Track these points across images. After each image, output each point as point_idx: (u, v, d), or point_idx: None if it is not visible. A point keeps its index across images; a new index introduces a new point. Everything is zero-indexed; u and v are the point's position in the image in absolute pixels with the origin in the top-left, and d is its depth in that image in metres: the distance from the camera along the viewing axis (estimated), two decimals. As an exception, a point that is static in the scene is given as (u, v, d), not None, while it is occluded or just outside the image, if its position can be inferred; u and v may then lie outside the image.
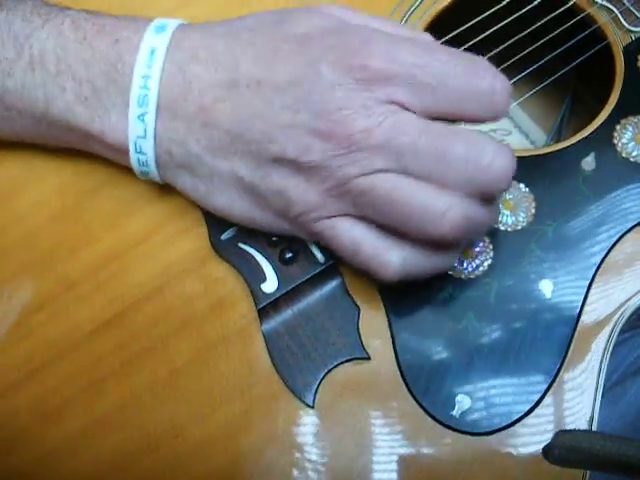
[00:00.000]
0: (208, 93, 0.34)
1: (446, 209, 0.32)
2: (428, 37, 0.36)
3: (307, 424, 0.37)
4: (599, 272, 0.39)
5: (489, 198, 0.34)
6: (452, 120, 0.34)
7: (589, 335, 0.38)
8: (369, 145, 0.32)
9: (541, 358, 0.38)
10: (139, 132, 0.35)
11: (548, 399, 0.37)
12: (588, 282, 0.39)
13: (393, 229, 0.34)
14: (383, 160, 0.32)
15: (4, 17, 0.37)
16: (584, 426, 0.37)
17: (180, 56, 0.34)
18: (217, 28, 0.35)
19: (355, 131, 0.32)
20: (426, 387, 0.37)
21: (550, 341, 0.38)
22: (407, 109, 0.33)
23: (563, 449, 0.33)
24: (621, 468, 0.30)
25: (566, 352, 0.38)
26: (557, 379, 0.37)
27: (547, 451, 0.36)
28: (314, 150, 0.32)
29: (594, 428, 0.37)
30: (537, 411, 0.37)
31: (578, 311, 0.38)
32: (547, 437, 0.36)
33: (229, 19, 0.36)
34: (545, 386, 0.37)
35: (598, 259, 0.39)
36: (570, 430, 0.37)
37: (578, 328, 0.38)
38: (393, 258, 0.34)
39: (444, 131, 0.32)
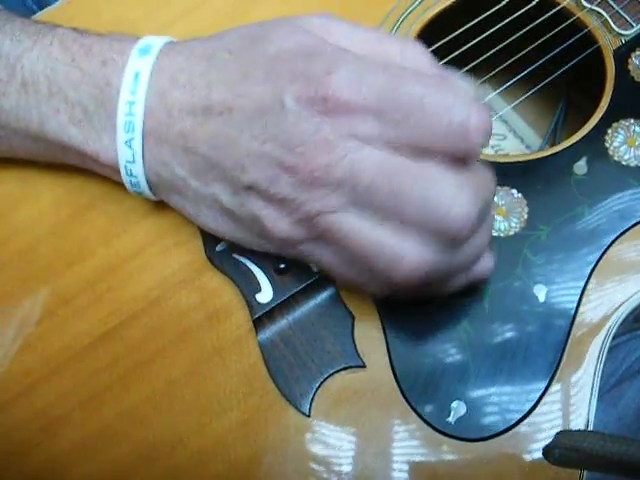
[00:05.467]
0: (187, 119, 0.33)
1: (403, 255, 0.31)
2: (413, 46, 0.34)
3: (304, 432, 0.37)
4: (592, 276, 0.39)
5: (453, 244, 0.32)
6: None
7: (583, 340, 0.38)
8: (329, 182, 0.31)
9: (536, 363, 0.38)
10: (128, 157, 0.35)
11: (543, 404, 0.37)
12: (582, 286, 0.39)
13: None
14: (341, 198, 0.31)
15: None
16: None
17: (162, 80, 0.34)
18: (198, 48, 0.35)
19: (316, 167, 0.31)
20: (421, 394, 0.37)
21: (544, 346, 0.38)
22: (371, 142, 0.31)
23: (563, 449, 0.33)
24: (621, 468, 0.30)
25: (561, 357, 0.38)
26: (552, 384, 0.37)
27: (548, 451, 0.36)
28: (281, 182, 0.32)
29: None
30: (532, 417, 0.37)
31: (572, 316, 0.38)
32: (543, 442, 0.36)
33: (213, 35, 0.36)
34: (540, 391, 0.37)
35: (592, 263, 0.39)
36: (570, 430, 0.37)
37: (572, 333, 0.38)
38: (371, 286, 0.35)
39: (404, 170, 0.31)
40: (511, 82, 0.46)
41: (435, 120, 0.31)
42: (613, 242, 0.40)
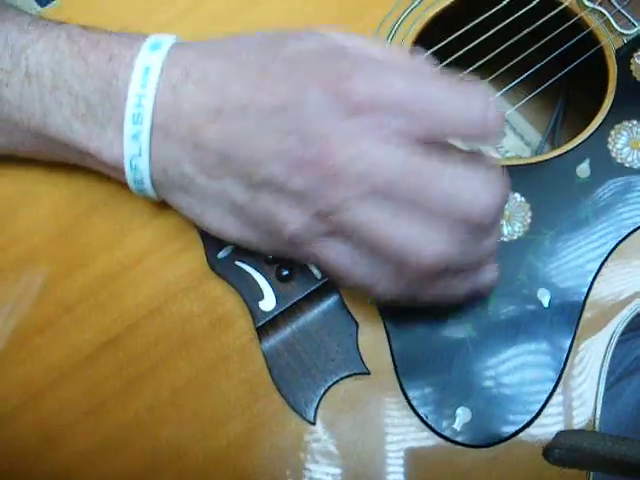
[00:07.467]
0: (199, 115, 0.33)
1: (425, 245, 0.32)
2: (423, 62, 0.35)
3: (309, 440, 0.37)
4: (596, 280, 0.39)
5: (477, 232, 0.33)
6: None
7: (588, 344, 0.38)
8: (350, 176, 0.31)
9: (541, 368, 0.38)
10: (134, 151, 0.35)
11: (548, 409, 0.37)
12: (586, 290, 0.39)
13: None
14: (363, 192, 0.31)
15: (1, 26, 0.36)
16: (584, 435, 0.37)
17: (174, 75, 0.34)
18: (212, 47, 0.35)
19: (337, 161, 0.31)
20: (426, 400, 0.37)
21: (549, 351, 0.38)
22: (393, 137, 0.32)
23: (564, 449, 0.33)
24: (621, 468, 0.30)
25: (565, 362, 0.38)
26: (557, 389, 0.37)
27: (548, 451, 0.36)
28: (300, 176, 0.32)
29: (594, 437, 0.37)
30: (537, 422, 0.37)
31: (576, 320, 0.38)
32: (547, 448, 0.37)
33: (227, 37, 0.36)
34: (545, 396, 0.37)
35: (595, 267, 0.39)
36: (570, 431, 0.37)
37: (576, 337, 0.38)
38: (381, 284, 0.34)
39: (428, 164, 0.31)
40: (514, 83, 0.45)
41: (457, 114, 0.32)
42: (617, 245, 0.40)
